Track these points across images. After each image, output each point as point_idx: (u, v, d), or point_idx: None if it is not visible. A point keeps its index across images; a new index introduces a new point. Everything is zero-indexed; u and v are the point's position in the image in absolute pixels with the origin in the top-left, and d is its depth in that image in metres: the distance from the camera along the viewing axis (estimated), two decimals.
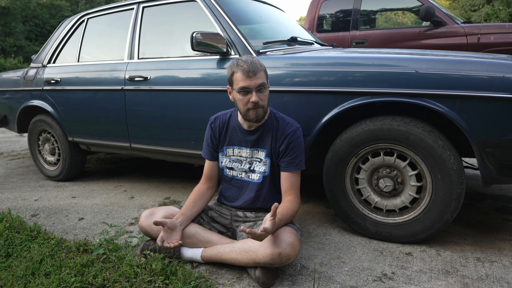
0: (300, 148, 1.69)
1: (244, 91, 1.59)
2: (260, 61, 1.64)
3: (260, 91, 1.60)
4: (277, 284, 1.50)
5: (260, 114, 1.63)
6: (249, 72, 1.57)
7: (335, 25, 4.44)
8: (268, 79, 1.70)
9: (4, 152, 4.80)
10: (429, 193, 1.73)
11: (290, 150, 1.68)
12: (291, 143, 1.68)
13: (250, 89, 1.58)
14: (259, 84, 1.58)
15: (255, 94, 1.58)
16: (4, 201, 2.73)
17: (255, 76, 1.58)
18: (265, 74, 1.64)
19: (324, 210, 2.36)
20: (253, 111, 1.61)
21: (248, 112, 1.62)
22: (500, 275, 1.53)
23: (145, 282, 1.48)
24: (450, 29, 3.74)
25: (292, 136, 1.68)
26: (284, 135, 1.69)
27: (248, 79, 1.57)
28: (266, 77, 1.64)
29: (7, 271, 1.66)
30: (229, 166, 1.80)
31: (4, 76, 3.59)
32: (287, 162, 1.68)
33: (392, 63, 1.74)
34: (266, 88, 1.63)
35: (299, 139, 1.70)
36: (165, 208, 1.76)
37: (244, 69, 1.57)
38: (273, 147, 1.71)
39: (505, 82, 1.52)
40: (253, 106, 1.59)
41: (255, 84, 1.58)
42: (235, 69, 1.61)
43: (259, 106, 1.60)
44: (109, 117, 2.71)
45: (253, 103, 1.58)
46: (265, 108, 1.64)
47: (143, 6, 2.68)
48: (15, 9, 27.58)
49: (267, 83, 1.64)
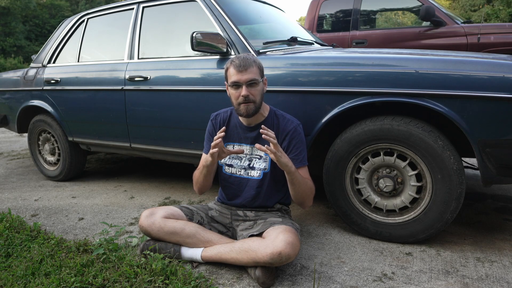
0: (302, 144, 1.72)
1: (235, 85, 1.64)
2: (255, 58, 1.67)
3: (251, 85, 1.63)
4: (277, 284, 1.50)
5: (251, 109, 1.64)
6: (240, 67, 1.61)
7: (335, 25, 4.44)
8: (264, 76, 1.72)
9: (4, 152, 4.80)
10: (429, 193, 1.73)
11: (293, 147, 1.69)
12: (293, 140, 1.70)
13: (240, 83, 1.62)
14: (250, 79, 1.62)
15: (245, 89, 1.61)
16: (4, 201, 2.73)
17: (246, 71, 1.61)
18: (259, 70, 1.67)
19: (324, 210, 2.36)
20: (244, 106, 1.64)
21: (239, 107, 1.65)
22: (500, 275, 1.53)
23: (145, 282, 1.48)
24: (450, 29, 3.74)
25: (293, 132, 1.70)
26: (286, 132, 1.70)
27: (239, 73, 1.61)
28: (259, 73, 1.67)
29: (7, 271, 1.66)
30: (228, 163, 1.81)
31: (4, 76, 3.59)
32: (292, 159, 1.68)
33: (392, 63, 1.74)
34: (258, 84, 1.65)
35: (301, 135, 1.72)
36: (165, 208, 1.76)
37: (235, 64, 1.63)
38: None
39: (505, 82, 1.52)
40: (244, 101, 1.62)
41: (246, 78, 1.61)
42: (228, 64, 1.67)
43: (249, 100, 1.63)
44: (109, 117, 2.71)
45: (243, 97, 1.61)
46: (257, 103, 1.65)
47: (143, 6, 2.68)
48: (15, 9, 27.60)
49: (260, 79, 1.66)
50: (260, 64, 1.69)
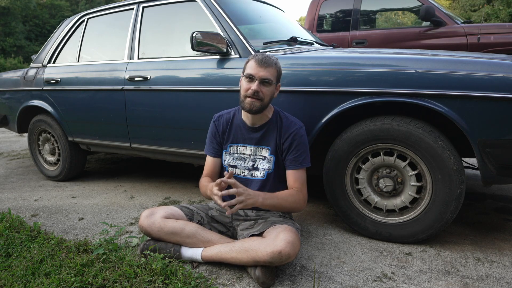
0: (304, 146, 1.72)
1: (249, 77, 1.65)
2: (277, 61, 1.70)
3: (264, 84, 1.64)
4: (277, 284, 1.50)
5: (255, 106, 1.64)
6: (261, 62, 1.63)
7: (335, 25, 4.44)
8: (280, 82, 1.75)
9: (4, 152, 4.80)
10: (429, 193, 1.73)
11: (294, 148, 1.70)
12: (295, 141, 1.70)
13: (255, 77, 1.63)
14: (265, 76, 1.63)
15: (258, 84, 1.63)
16: (4, 201, 2.73)
17: (265, 68, 1.63)
18: (277, 73, 1.69)
19: (324, 210, 2.36)
20: (250, 100, 1.64)
21: (245, 100, 1.66)
22: (500, 275, 1.53)
23: (145, 282, 1.48)
24: (450, 29, 3.74)
25: (295, 134, 1.71)
26: (288, 133, 1.71)
27: (258, 68, 1.63)
28: (276, 76, 1.69)
29: (7, 271, 1.66)
30: (232, 164, 1.81)
31: (4, 76, 3.59)
32: (291, 160, 1.70)
33: (392, 63, 1.74)
34: (271, 85, 1.67)
35: (303, 137, 1.72)
36: (165, 208, 1.76)
37: (258, 59, 1.65)
38: (277, 145, 1.73)
39: (505, 82, 1.52)
40: (251, 95, 1.63)
41: (262, 75, 1.63)
42: (251, 57, 1.69)
43: (257, 97, 1.63)
44: (109, 117, 2.71)
45: (252, 91, 1.62)
46: (263, 102, 1.66)
47: (143, 6, 2.68)
48: (15, 9, 27.58)
49: (274, 81, 1.67)
50: (280, 69, 1.71)
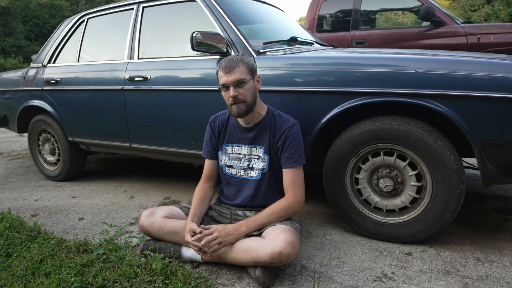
0: (298, 143, 1.70)
1: (224, 87, 1.65)
2: (243, 57, 1.66)
3: (239, 86, 1.62)
4: (277, 284, 1.50)
5: (242, 109, 1.64)
6: (225, 69, 1.62)
7: (335, 25, 4.44)
8: (257, 74, 1.71)
9: (4, 152, 4.80)
10: (429, 193, 1.73)
11: (288, 145, 1.69)
12: (288, 138, 1.69)
13: (227, 84, 1.63)
14: (236, 79, 1.61)
15: (233, 89, 1.62)
16: (4, 201, 2.73)
17: (232, 72, 1.61)
18: (247, 69, 1.65)
19: (324, 210, 2.36)
20: (235, 107, 1.64)
21: (231, 108, 1.66)
22: (500, 275, 1.53)
23: (145, 282, 1.48)
24: (450, 29, 3.74)
25: (288, 131, 1.69)
26: (281, 131, 1.70)
27: (226, 75, 1.62)
28: (248, 72, 1.65)
29: (7, 271, 1.66)
30: (228, 164, 1.81)
31: (4, 76, 3.59)
32: (286, 158, 1.68)
33: (392, 63, 1.74)
34: (247, 83, 1.63)
35: (296, 134, 1.70)
36: (165, 208, 1.76)
37: (222, 66, 1.64)
38: (271, 144, 1.72)
39: (505, 82, 1.52)
40: (233, 101, 1.63)
41: (232, 79, 1.61)
42: (217, 67, 1.68)
43: (239, 101, 1.62)
44: (109, 117, 2.71)
45: (232, 97, 1.62)
46: (247, 102, 1.64)
47: (143, 6, 2.68)
48: (15, 9, 27.58)
49: (247, 77, 1.64)
50: (249, 62, 1.67)
